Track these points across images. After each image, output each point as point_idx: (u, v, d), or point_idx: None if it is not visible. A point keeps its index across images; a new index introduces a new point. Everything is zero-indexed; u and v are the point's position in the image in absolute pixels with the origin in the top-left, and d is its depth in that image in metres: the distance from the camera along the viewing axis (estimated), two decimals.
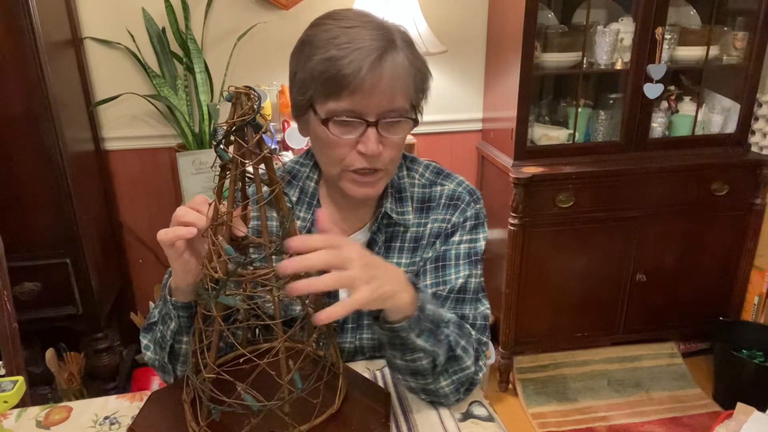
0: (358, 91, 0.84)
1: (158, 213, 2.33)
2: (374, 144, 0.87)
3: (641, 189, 2.18)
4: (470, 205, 1.02)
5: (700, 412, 2.23)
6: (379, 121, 0.87)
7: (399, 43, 0.87)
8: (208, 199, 0.77)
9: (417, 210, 1.02)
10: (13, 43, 1.67)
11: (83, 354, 2.10)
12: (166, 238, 0.75)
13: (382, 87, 0.84)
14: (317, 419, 0.72)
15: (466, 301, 0.98)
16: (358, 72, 0.82)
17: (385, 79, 0.84)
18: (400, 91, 0.87)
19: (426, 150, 2.40)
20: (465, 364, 0.88)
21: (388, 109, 0.87)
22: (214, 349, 0.70)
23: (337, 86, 0.83)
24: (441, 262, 0.99)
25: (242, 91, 0.66)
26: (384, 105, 0.86)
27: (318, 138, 0.92)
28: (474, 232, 1.01)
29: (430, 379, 0.85)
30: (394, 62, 0.85)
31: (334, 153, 0.90)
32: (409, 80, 0.88)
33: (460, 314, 0.97)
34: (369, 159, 0.89)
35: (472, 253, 1.00)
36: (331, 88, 0.84)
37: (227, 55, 2.15)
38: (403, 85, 0.87)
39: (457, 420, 0.87)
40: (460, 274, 0.98)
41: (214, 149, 0.68)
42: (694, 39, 2.16)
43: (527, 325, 2.30)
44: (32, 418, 0.89)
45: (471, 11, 2.32)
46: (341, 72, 0.82)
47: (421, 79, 0.91)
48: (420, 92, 0.92)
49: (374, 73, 0.83)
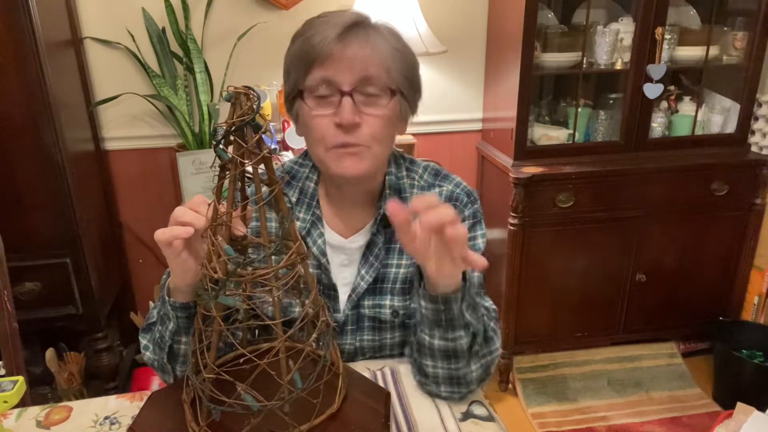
0: (328, 59, 0.86)
1: (158, 213, 2.33)
2: (348, 113, 0.87)
3: (641, 189, 2.18)
4: (467, 206, 1.02)
5: (700, 412, 2.23)
6: (354, 90, 0.88)
7: (380, 27, 0.90)
8: (206, 200, 0.77)
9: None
10: (13, 43, 1.67)
11: (83, 354, 2.10)
12: (163, 237, 0.75)
13: (350, 53, 0.86)
14: (317, 419, 0.72)
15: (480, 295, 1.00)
16: (326, 39, 0.85)
17: (354, 46, 0.87)
18: (377, 64, 0.88)
19: (426, 150, 2.40)
20: (495, 345, 0.91)
21: (363, 77, 0.88)
22: (213, 349, 0.70)
23: (309, 59, 0.87)
24: None
25: (241, 91, 0.66)
26: (356, 73, 0.87)
27: (304, 124, 0.93)
28: (472, 230, 1.02)
29: (462, 363, 0.86)
30: (366, 34, 0.88)
31: (315, 133, 0.91)
32: (386, 55, 0.89)
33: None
34: (348, 132, 0.89)
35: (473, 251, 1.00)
36: (305, 63, 0.88)
37: (227, 55, 2.16)
38: (380, 59, 0.88)
39: (457, 420, 0.87)
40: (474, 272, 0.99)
41: (214, 149, 0.68)
42: (694, 39, 2.16)
43: (527, 325, 2.30)
44: (32, 418, 0.89)
45: (471, 11, 2.32)
46: (311, 43, 0.87)
47: (406, 66, 0.92)
48: (407, 80, 0.93)
49: (343, 41, 0.86)
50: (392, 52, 0.90)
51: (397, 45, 0.91)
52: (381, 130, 0.92)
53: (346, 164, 0.91)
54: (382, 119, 0.91)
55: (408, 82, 0.94)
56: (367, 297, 1.01)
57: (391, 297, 1.01)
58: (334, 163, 0.92)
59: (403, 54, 0.92)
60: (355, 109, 0.88)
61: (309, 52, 0.87)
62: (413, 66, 0.94)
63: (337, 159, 0.91)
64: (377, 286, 1.01)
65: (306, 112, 0.91)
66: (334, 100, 0.88)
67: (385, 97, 0.91)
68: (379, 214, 0.99)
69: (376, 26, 0.90)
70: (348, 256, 1.02)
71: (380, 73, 0.89)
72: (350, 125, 0.88)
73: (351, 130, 0.89)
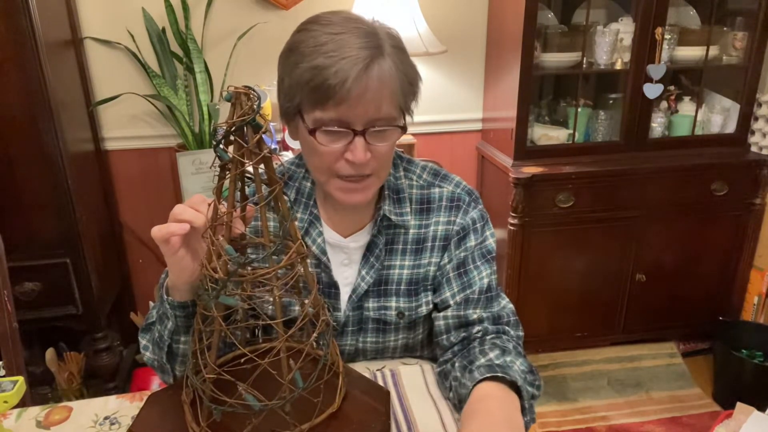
0: (344, 102, 0.83)
1: (158, 213, 2.31)
2: (361, 152, 0.87)
3: (641, 189, 2.18)
4: (471, 205, 1.03)
5: (700, 411, 2.23)
6: (366, 130, 0.86)
7: (387, 48, 0.86)
8: (206, 199, 0.77)
9: (417, 212, 1.02)
10: (13, 43, 1.67)
11: (83, 354, 2.10)
12: (159, 234, 0.76)
13: (368, 96, 0.84)
14: (318, 418, 0.72)
15: (493, 299, 1.00)
16: (344, 83, 0.81)
17: (371, 89, 0.83)
18: (388, 99, 0.86)
19: (426, 150, 2.40)
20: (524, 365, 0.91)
21: (375, 118, 0.86)
22: (214, 349, 0.70)
23: (323, 96, 0.83)
24: (463, 268, 1.00)
25: (242, 91, 0.66)
26: (371, 114, 0.85)
27: (306, 144, 0.92)
28: (482, 232, 1.03)
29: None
30: (381, 70, 0.84)
31: (321, 161, 0.90)
32: (396, 87, 0.87)
33: (495, 314, 0.99)
34: (357, 167, 0.89)
35: (485, 252, 1.02)
36: (318, 98, 0.84)
37: (227, 55, 2.16)
38: (390, 93, 0.86)
39: (457, 420, 0.87)
40: (483, 274, 1.00)
41: (214, 149, 0.68)
42: (694, 39, 2.16)
43: (527, 324, 2.25)
44: (32, 418, 0.89)
45: (471, 11, 2.32)
46: (327, 82, 0.81)
47: (409, 83, 0.90)
48: (409, 96, 0.92)
49: (360, 83, 0.82)
50: (400, 78, 0.87)
51: (405, 68, 0.88)
52: (387, 158, 0.93)
53: (353, 197, 0.93)
54: (390, 147, 0.92)
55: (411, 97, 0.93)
56: (372, 299, 1.01)
57: (396, 299, 1.01)
58: (337, 194, 0.93)
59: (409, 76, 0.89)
60: (367, 147, 0.88)
61: (324, 89, 0.82)
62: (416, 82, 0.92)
63: (341, 190, 0.92)
64: (381, 288, 1.01)
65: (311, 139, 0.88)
66: (346, 137, 0.87)
67: (395, 132, 0.90)
68: (379, 215, 0.99)
69: (387, 53, 0.86)
70: (348, 255, 1.02)
71: (391, 110, 0.87)
72: (362, 163, 0.88)
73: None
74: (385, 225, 1.00)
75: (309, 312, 0.72)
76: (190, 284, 0.81)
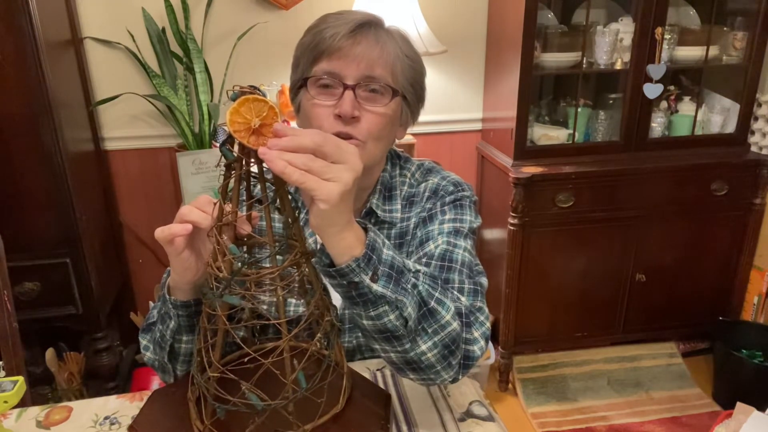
0: (336, 53, 0.89)
1: (158, 213, 2.33)
2: (348, 105, 0.89)
3: (641, 189, 2.18)
4: (452, 193, 1.01)
5: (700, 411, 2.24)
6: (357, 86, 0.90)
7: (392, 31, 0.93)
8: (212, 199, 0.77)
9: (403, 207, 1.03)
10: (13, 43, 1.67)
11: (83, 354, 2.10)
12: (162, 235, 0.76)
13: (359, 51, 0.89)
14: (321, 419, 0.72)
15: (453, 270, 0.91)
16: (336, 35, 0.89)
17: (363, 45, 0.89)
18: (382, 64, 0.91)
19: (426, 150, 2.40)
20: (444, 319, 0.78)
21: (367, 75, 0.90)
22: (219, 348, 0.70)
23: (318, 51, 0.91)
24: (423, 243, 0.96)
25: (247, 91, 0.66)
26: (362, 70, 0.90)
27: (304, 113, 0.95)
28: (458, 212, 0.98)
29: (407, 343, 0.77)
30: (377, 34, 0.91)
31: (314, 121, 0.92)
32: (393, 58, 0.92)
33: (444, 277, 0.91)
34: (345, 123, 0.90)
35: (455, 229, 0.96)
36: (314, 54, 0.91)
37: (227, 55, 2.15)
38: (385, 60, 0.91)
39: (457, 420, 0.87)
40: (438, 242, 0.94)
41: (219, 149, 0.68)
42: (694, 39, 2.17)
43: (527, 324, 2.30)
44: (32, 418, 0.89)
45: (471, 11, 2.32)
46: (322, 36, 0.90)
47: (413, 74, 0.94)
48: (412, 87, 0.95)
49: (353, 38, 0.89)
50: (401, 57, 0.93)
51: (408, 52, 0.94)
52: (378, 128, 0.93)
53: None
54: (381, 117, 0.92)
55: (412, 89, 0.96)
56: None
57: None
58: None
59: (411, 61, 0.94)
60: (356, 104, 0.90)
61: (319, 44, 0.90)
62: (420, 75, 0.96)
63: None
64: None
65: (307, 99, 0.93)
66: (337, 92, 0.90)
67: (387, 95, 0.92)
68: (366, 208, 1.00)
69: (388, 29, 0.93)
70: None
71: (385, 74, 0.91)
72: (349, 117, 0.90)
73: (349, 122, 0.91)
74: (372, 221, 1.00)
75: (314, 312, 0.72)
76: (193, 284, 0.81)
